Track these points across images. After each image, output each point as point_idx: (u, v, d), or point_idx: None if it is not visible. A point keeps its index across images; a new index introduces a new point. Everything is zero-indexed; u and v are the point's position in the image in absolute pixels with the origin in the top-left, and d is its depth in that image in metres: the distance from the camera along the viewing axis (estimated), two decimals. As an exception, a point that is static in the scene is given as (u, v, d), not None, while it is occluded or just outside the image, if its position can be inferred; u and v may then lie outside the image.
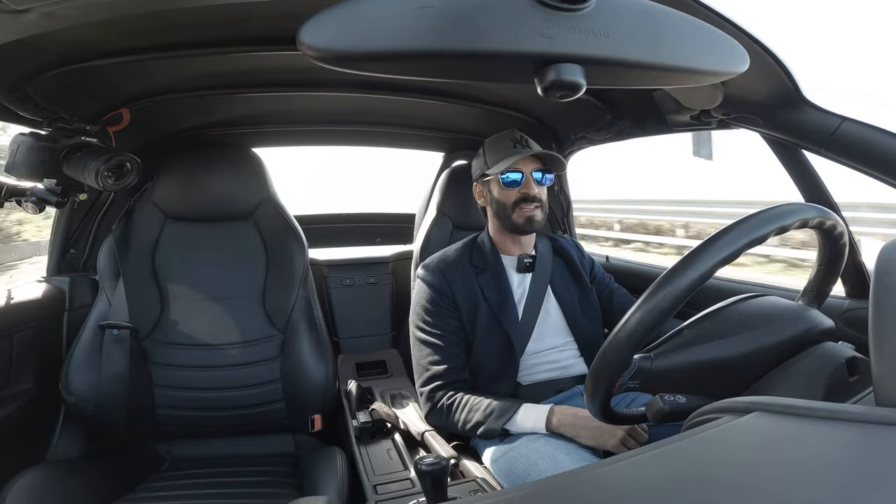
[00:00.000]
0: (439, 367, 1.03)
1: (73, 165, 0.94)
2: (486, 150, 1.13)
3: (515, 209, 1.08)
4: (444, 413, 1.02)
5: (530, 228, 1.09)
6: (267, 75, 1.11)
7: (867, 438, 0.32)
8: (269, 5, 0.69)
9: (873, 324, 0.38)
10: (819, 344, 0.61)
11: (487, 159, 1.11)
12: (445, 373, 1.03)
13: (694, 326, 0.63)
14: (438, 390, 1.03)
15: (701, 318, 0.64)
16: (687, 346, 0.61)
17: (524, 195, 1.07)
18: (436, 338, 1.06)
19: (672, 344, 0.62)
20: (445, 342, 1.05)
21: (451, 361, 1.04)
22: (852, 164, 0.73)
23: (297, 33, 0.30)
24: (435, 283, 1.09)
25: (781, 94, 0.75)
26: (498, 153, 1.09)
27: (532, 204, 1.07)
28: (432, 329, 1.06)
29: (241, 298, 1.23)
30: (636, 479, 0.35)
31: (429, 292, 1.09)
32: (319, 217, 1.96)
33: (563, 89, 0.33)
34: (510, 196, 1.09)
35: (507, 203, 1.09)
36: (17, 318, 1.06)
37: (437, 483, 0.65)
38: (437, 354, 1.05)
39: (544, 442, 0.89)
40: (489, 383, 1.05)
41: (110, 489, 0.99)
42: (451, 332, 1.06)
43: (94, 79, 0.95)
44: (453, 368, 1.04)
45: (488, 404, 0.97)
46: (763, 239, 0.56)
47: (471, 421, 0.97)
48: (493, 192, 1.12)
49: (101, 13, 0.58)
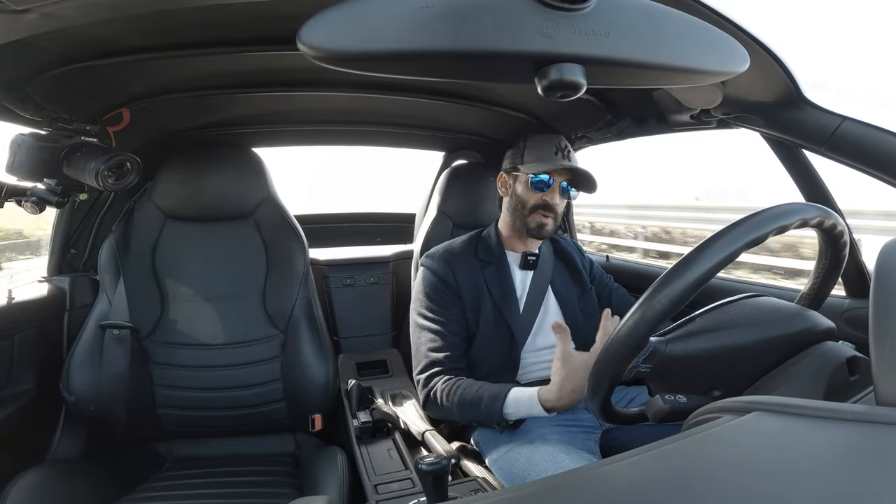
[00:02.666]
0: (439, 354, 1.02)
1: (73, 165, 0.93)
2: (526, 145, 1.11)
3: (532, 212, 1.08)
4: (437, 400, 1.00)
5: (539, 235, 1.09)
6: (268, 75, 1.11)
7: (867, 438, 0.32)
8: (270, 5, 0.69)
9: (873, 323, 0.38)
10: (819, 343, 0.61)
11: (525, 155, 1.10)
12: (444, 360, 1.02)
13: (707, 315, 0.64)
14: (435, 377, 1.01)
15: (714, 307, 0.64)
16: (701, 333, 0.62)
17: (545, 202, 1.07)
18: (437, 324, 1.05)
19: (686, 330, 0.62)
20: (447, 330, 1.04)
21: (450, 350, 1.03)
22: (853, 164, 0.73)
23: (297, 33, 0.30)
24: (440, 271, 1.09)
25: (781, 94, 0.75)
26: (537, 152, 1.08)
27: (549, 213, 1.07)
28: (434, 316, 1.06)
29: (241, 298, 1.23)
30: (636, 478, 0.35)
31: (433, 280, 1.09)
32: (320, 217, 1.96)
33: (564, 89, 0.33)
34: (532, 198, 1.08)
35: (527, 203, 1.08)
36: (17, 317, 1.06)
37: (437, 483, 0.65)
38: (436, 342, 1.03)
39: (544, 441, 0.89)
40: (487, 378, 1.05)
41: (111, 489, 0.99)
42: (453, 320, 1.06)
43: (95, 78, 0.95)
44: (452, 357, 1.03)
45: (480, 388, 0.95)
46: (763, 238, 0.56)
47: (465, 406, 0.95)
48: (516, 188, 1.11)
49: (101, 13, 0.58)
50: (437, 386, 1.00)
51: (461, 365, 1.04)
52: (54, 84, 0.87)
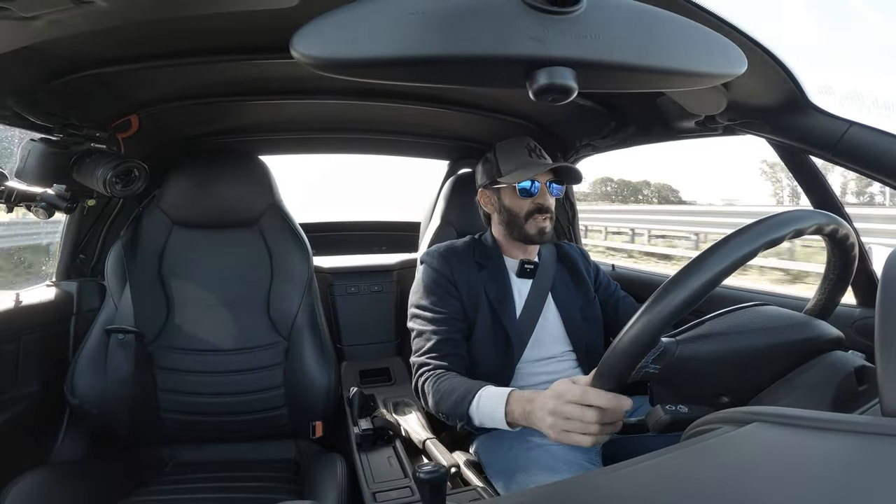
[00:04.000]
0: (434, 341, 1.00)
1: (82, 171, 0.95)
2: (498, 157, 1.10)
3: (528, 219, 1.06)
4: (422, 389, 0.97)
5: (541, 240, 1.08)
6: (274, 83, 1.12)
7: (870, 450, 0.31)
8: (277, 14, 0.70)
9: (880, 331, 0.37)
10: (828, 353, 0.59)
11: (501, 166, 1.08)
12: (440, 345, 0.99)
13: (718, 319, 0.63)
14: (427, 363, 0.99)
15: (725, 312, 0.64)
16: (712, 336, 0.61)
17: (538, 206, 1.06)
18: (435, 314, 1.03)
19: (697, 332, 0.61)
20: (445, 322, 1.02)
21: (447, 339, 1.00)
22: (861, 169, 0.71)
23: (290, 41, 0.31)
24: (440, 267, 1.08)
25: (787, 99, 0.74)
26: (512, 161, 1.07)
27: (545, 215, 1.06)
28: (433, 307, 1.04)
29: (245, 304, 1.24)
30: (633, 488, 0.35)
31: (433, 274, 1.08)
32: (324, 225, 1.97)
33: (555, 93, 0.33)
34: (523, 206, 1.07)
35: (520, 213, 1.07)
36: (25, 321, 1.08)
37: (435, 491, 0.64)
38: (434, 332, 1.01)
39: (544, 451, 0.88)
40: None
41: (111, 491, 1.00)
42: (452, 314, 1.04)
43: (104, 86, 0.97)
44: (449, 345, 1.00)
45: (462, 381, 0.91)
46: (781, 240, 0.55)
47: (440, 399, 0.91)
48: (503, 201, 1.09)
49: (109, 21, 0.59)
50: (427, 376, 0.97)
51: (459, 352, 1.01)
52: (65, 91, 0.89)
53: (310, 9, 0.39)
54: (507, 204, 1.09)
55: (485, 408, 0.83)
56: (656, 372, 0.60)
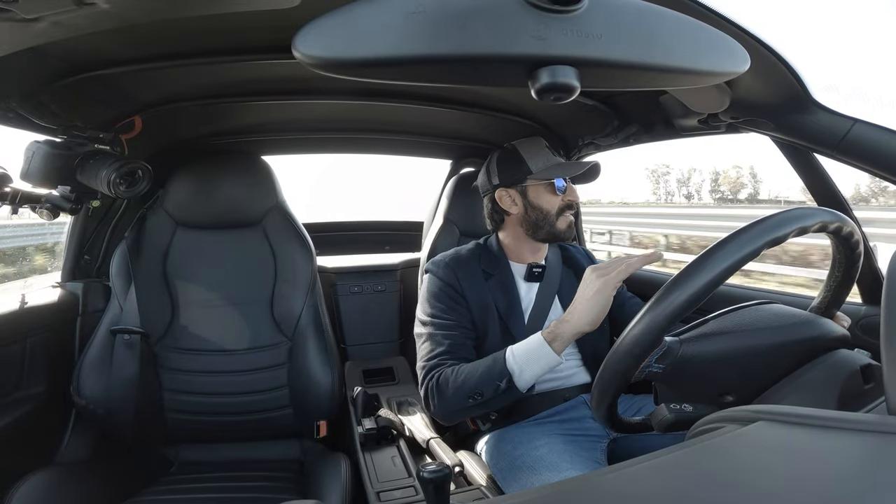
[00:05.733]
0: (445, 345, 0.97)
1: (86, 173, 0.95)
2: (525, 154, 1.08)
3: (560, 216, 1.06)
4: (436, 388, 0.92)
5: (570, 235, 1.08)
6: (277, 84, 1.12)
7: (876, 448, 0.31)
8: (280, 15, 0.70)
9: (885, 329, 0.37)
10: (833, 351, 0.59)
11: (530, 164, 1.06)
12: (453, 349, 0.97)
13: (722, 318, 0.62)
14: (436, 369, 0.95)
15: (729, 311, 0.63)
16: (716, 335, 0.60)
17: (568, 202, 1.06)
18: (442, 321, 1.01)
19: (701, 331, 0.61)
20: (455, 328, 1.00)
21: (456, 347, 0.98)
22: (865, 167, 0.71)
23: (292, 41, 0.31)
24: (446, 277, 1.07)
25: (790, 97, 0.74)
26: (541, 158, 1.06)
27: (572, 211, 1.07)
28: (442, 315, 1.02)
29: (249, 305, 1.24)
30: (638, 487, 0.34)
31: (440, 284, 1.06)
32: (328, 224, 1.97)
33: (557, 91, 0.32)
34: (555, 203, 1.06)
35: (552, 209, 1.06)
36: (30, 322, 1.08)
37: (439, 490, 0.64)
38: (445, 337, 0.98)
39: (548, 450, 0.88)
40: None
41: (117, 491, 1.00)
42: (461, 322, 1.02)
43: (108, 87, 0.97)
44: (457, 354, 0.97)
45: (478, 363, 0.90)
46: (783, 238, 0.55)
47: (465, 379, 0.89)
48: (532, 199, 1.07)
49: (111, 22, 0.59)
50: (437, 376, 0.94)
51: (471, 358, 0.98)
52: (69, 92, 0.89)
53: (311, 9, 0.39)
54: (538, 202, 1.07)
55: (520, 352, 0.86)
56: (660, 371, 0.59)
